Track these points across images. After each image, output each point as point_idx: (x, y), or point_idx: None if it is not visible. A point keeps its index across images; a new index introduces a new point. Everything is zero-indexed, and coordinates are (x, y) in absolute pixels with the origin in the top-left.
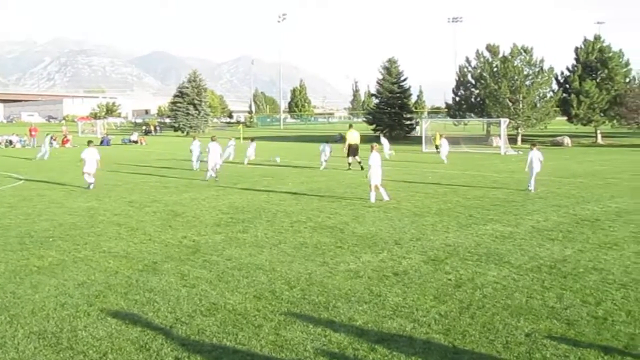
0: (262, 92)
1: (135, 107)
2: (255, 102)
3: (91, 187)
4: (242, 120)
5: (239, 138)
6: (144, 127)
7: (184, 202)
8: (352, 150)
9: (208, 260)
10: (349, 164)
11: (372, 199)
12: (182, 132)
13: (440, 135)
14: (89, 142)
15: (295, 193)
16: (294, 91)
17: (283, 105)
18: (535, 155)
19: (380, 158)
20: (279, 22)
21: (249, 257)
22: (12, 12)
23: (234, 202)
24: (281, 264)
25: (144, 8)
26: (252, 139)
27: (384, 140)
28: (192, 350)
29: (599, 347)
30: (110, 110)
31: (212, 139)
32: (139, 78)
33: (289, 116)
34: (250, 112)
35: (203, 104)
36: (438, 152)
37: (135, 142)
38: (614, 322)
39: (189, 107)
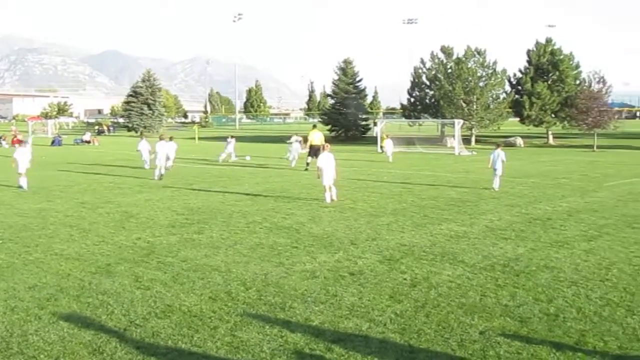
0: (217, 92)
1: (88, 106)
2: (210, 102)
3: (25, 187)
4: (197, 120)
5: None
6: (96, 127)
7: (138, 203)
8: (314, 151)
9: (163, 262)
10: (307, 164)
11: (327, 200)
12: (136, 132)
13: (387, 136)
14: (21, 143)
15: (251, 194)
16: (249, 91)
17: (238, 105)
18: (499, 156)
19: (333, 158)
20: (234, 21)
21: (205, 258)
22: None
23: (189, 203)
24: (237, 265)
25: (96, 6)
26: (232, 136)
27: (388, 141)
28: (147, 353)
29: (551, 344)
30: (62, 110)
31: (161, 138)
32: (92, 77)
33: (244, 116)
34: (205, 112)
35: (157, 103)
36: (382, 152)
37: (88, 142)
38: (565, 319)
39: (143, 107)
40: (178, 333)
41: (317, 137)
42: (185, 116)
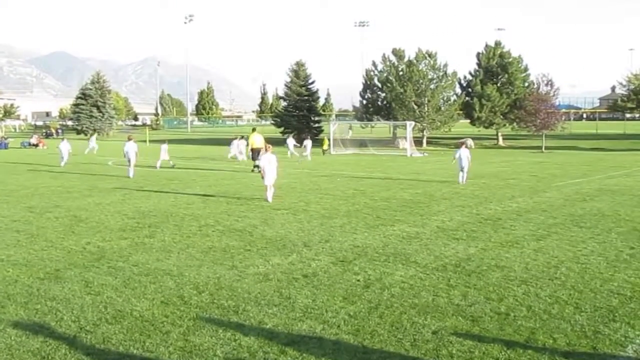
0: (168, 95)
1: (36, 109)
2: (161, 105)
3: None
4: (148, 122)
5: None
6: (44, 130)
7: (87, 207)
8: (255, 153)
9: (113, 267)
10: (256, 166)
11: (270, 199)
12: (85, 135)
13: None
14: None
15: (203, 196)
16: (201, 93)
17: (190, 107)
18: (464, 154)
19: (275, 160)
20: (185, 23)
21: (156, 262)
22: None
23: (140, 206)
24: (189, 269)
25: (43, 6)
26: (164, 141)
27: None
28: (98, 359)
29: (502, 342)
30: (8, 113)
31: (129, 138)
32: (39, 79)
33: (196, 119)
34: (156, 114)
35: (107, 106)
36: (324, 154)
37: (36, 145)
38: (516, 317)
39: (92, 109)
40: (130, 339)
41: (257, 139)
42: (136, 119)
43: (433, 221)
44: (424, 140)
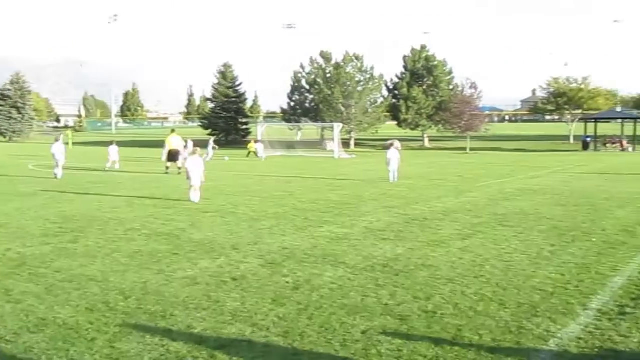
0: (92, 96)
1: None
2: (85, 106)
3: None
4: (71, 124)
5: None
6: None
7: (7, 212)
8: (172, 155)
9: (35, 273)
10: (167, 167)
11: (196, 199)
12: (4, 137)
13: (256, 141)
14: None
15: (129, 200)
16: (126, 95)
17: (115, 109)
18: (394, 155)
19: (201, 162)
20: (109, 23)
21: (81, 268)
22: None
23: (63, 210)
24: (115, 274)
25: None
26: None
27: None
28: None
29: (430, 340)
30: None
31: (56, 140)
32: None
33: (121, 120)
34: (79, 116)
35: (27, 107)
36: (248, 156)
37: None
38: (443, 316)
39: (11, 110)
40: (53, 347)
41: (174, 141)
42: (58, 120)
43: (361, 222)
44: (352, 142)
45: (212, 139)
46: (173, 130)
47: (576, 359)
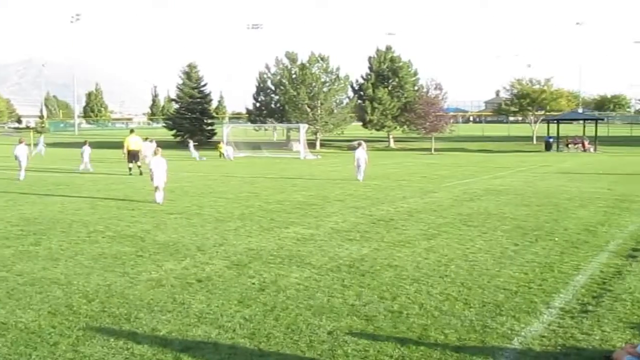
0: (54, 96)
1: None
2: (47, 107)
3: None
4: (32, 125)
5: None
6: None
7: None
8: (132, 156)
9: None
10: (130, 168)
11: (158, 200)
12: None
13: (227, 143)
14: None
15: (92, 201)
16: (89, 95)
17: (77, 109)
18: (361, 154)
19: (165, 162)
20: (72, 22)
21: (43, 271)
22: None
23: (24, 213)
24: (78, 277)
25: None
26: (85, 142)
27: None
28: None
29: (396, 339)
30: None
31: (20, 141)
32: None
33: (84, 121)
34: (41, 116)
35: None
36: (221, 157)
37: None
38: (409, 315)
39: None
40: (14, 352)
41: (133, 141)
42: (19, 121)
43: (327, 223)
44: (317, 143)
45: (192, 141)
46: (132, 131)
47: (539, 357)
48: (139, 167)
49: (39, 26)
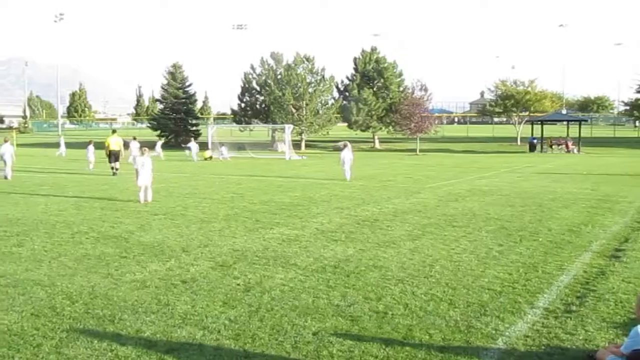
0: (37, 96)
1: None
2: (30, 107)
3: None
4: (15, 125)
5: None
6: None
7: None
8: (113, 156)
9: None
10: (112, 168)
11: (141, 199)
12: None
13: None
14: None
15: (76, 202)
16: (73, 95)
17: (61, 110)
18: (347, 155)
19: (150, 162)
20: (55, 22)
21: (26, 273)
22: None
23: (7, 213)
24: (62, 278)
25: None
26: (90, 142)
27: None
28: None
29: (381, 340)
30: None
31: (5, 140)
32: None
33: (68, 121)
34: (24, 117)
35: None
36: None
37: None
38: (394, 316)
39: None
40: None
41: (113, 142)
42: (2, 121)
43: (312, 223)
44: (303, 144)
45: (160, 141)
46: (114, 131)
47: (524, 357)
48: (117, 168)
49: (22, 25)
